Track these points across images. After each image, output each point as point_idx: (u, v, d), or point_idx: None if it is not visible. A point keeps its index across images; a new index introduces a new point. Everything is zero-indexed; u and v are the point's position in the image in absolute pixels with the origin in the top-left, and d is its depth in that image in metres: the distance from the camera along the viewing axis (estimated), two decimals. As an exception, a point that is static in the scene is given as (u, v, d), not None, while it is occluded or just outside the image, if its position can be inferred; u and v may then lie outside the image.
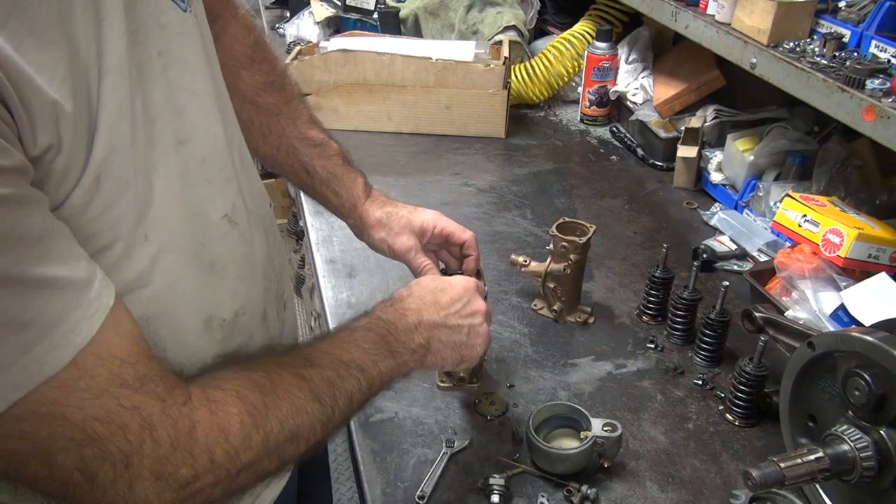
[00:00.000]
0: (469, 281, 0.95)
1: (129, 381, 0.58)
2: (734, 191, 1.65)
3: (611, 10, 2.06)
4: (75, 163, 0.56)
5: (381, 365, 0.79)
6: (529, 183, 1.78)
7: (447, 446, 1.04)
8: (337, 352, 0.76)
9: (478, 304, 0.93)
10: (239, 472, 0.65)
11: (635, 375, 1.20)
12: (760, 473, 0.82)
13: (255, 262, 0.81)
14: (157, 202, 0.65)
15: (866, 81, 1.07)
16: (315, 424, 0.71)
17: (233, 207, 0.76)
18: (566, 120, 2.12)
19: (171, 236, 0.67)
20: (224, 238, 0.75)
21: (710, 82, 1.79)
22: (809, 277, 1.22)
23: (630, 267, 1.47)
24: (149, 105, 0.63)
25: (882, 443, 0.83)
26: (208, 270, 0.73)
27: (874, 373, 0.82)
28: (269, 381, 0.69)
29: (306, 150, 1.06)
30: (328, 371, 0.74)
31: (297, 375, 0.71)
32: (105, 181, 0.58)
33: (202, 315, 0.73)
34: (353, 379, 0.75)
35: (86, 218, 0.58)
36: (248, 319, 0.80)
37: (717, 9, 1.39)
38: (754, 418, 1.10)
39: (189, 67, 0.70)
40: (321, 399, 0.72)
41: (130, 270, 0.64)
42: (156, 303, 0.67)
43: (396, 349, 0.81)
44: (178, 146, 0.68)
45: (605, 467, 1.01)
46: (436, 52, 1.92)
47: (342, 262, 1.45)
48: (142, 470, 0.59)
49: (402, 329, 0.84)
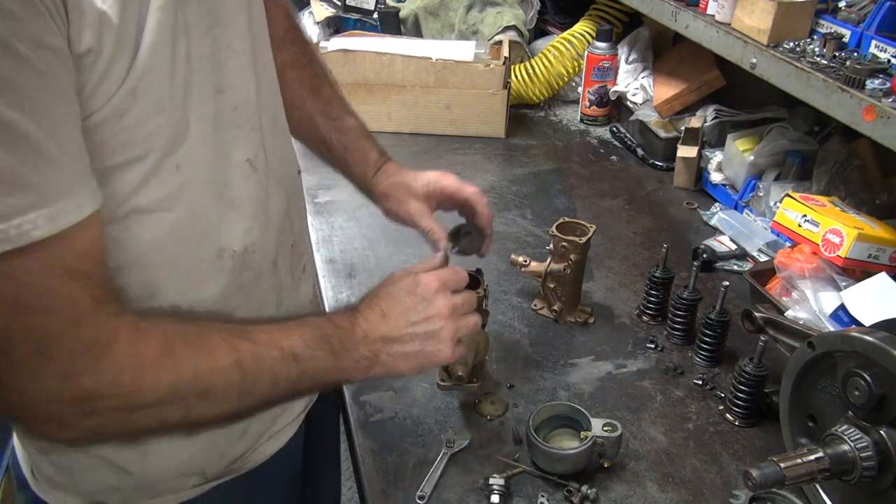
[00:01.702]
0: (432, 282, 0.88)
1: (76, 271, 0.62)
2: (734, 191, 1.65)
3: (611, 10, 2.06)
4: (115, 72, 0.63)
5: (319, 362, 0.79)
6: (529, 183, 1.78)
7: (447, 446, 1.04)
8: (278, 336, 0.77)
9: (435, 308, 0.87)
10: (140, 408, 0.67)
11: (635, 375, 1.20)
12: (760, 473, 0.82)
13: (270, 210, 0.86)
14: (191, 139, 0.73)
15: (866, 81, 1.07)
16: (231, 391, 0.72)
17: (255, 155, 0.83)
18: (566, 120, 2.12)
19: (200, 171, 0.75)
20: (245, 179, 0.81)
21: (710, 82, 1.79)
22: (809, 277, 1.22)
23: (630, 267, 1.47)
24: (193, 56, 0.71)
25: (882, 443, 0.83)
26: (227, 206, 0.80)
27: (874, 373, 0.82)
28: (199, 336, 0.71)
29: (325, 123, 1.09)
30: (261, 349, 0.74)
31: (228, 342, 0.72)
32: (141, 97, 0.66)
33: (216, 245, 0.80)
34: (283, 364, 0.75)
35: (122, 125, 0.66)
36: (258, 258, 0.85)
37: (717, 9, 1.39)
38: (754, 418, 1.10)
39: (232, 27, 0.77)
40: (244, 370, 0.72)
41: (157, 192, 0.72)
42: (177, 227, 0.75)
43: (338, 352, 0.80)
44: (215, 94, 0.75)
45: (605, 467, 1.01)
46: (436, 52, 1.92)
47: (342, 262, 1.45)
48: (53, 362, 0.62)
49: (349, 337, 0.82)
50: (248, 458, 0.94)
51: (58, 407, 0.64)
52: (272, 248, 0.88)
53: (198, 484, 0.90)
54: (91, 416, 0.65)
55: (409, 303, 0.86)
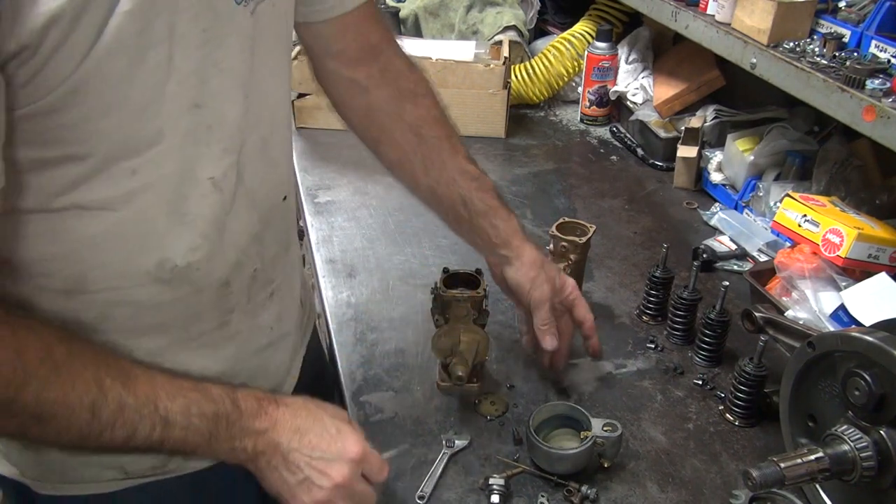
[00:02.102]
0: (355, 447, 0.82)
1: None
2: (734, 191, 1.65)
3: (611, 10, 2.06)
4: (55, 71, 0.61)
5: (190, 435, 0.75)
6: (529, 183, 1.77)
7: (447, 446, 1.04)
8: (161, 393, 0.74)
9: (337, 470, 0.80)
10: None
11: (635, 375, 1.20)
12: (760, 473, 0.82)
13: (229, 231, 0.83)
14: (159, 147, 0.72)
15: (866, 81, 1.07)
16: (72, 429, 0.70)
17: (223, 175, 0.80)
18: (566, 120, 2.12)
19: (159, 180, 0.74)
20: (203, 197, 0.79)
21: (710, 82, 1.79)
22: (809, 277, 1.22)
23: (630, 267, 1.47)
24: (176, 66, 0.70)
25: (882, 443, 0.83)
26: (178, 219, 0.78)
27: (874, 373, 0.82)
28: (65, 362, 0.69)
29: (465, 182, 1.07)
30: (130, 399, 0.71)
31: (97, 381, 0.70)
32: (85, 98, 0.64)
33: (158, 254, 0.78)
34: (148, 423, 0.72)
35: (59, 122, 0.64)
36: (203, 276, 0.82)
37: (717, 9, 1.39)
38: (754, 418, 1.10)
39: (225, 49, 0.75)
40: (98, 415, 0.70)
41: (104, 192, 0.71)
42: (117, 227, 0.74)
43: (218, 436, 0.77)
44: (193, 108, 0.74)
45: (605, 467, 1.01)
46: (436, 52, 1.92)
47: (342, 262, 1.45)
48: None
49: (244, 425, 0.78)
50: (180, 464, 0.90)
51: None
52: (224, 268, 0.84)
53: (116, 478, 0.88)
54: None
55: (325, 444, 0.81)
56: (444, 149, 1.07)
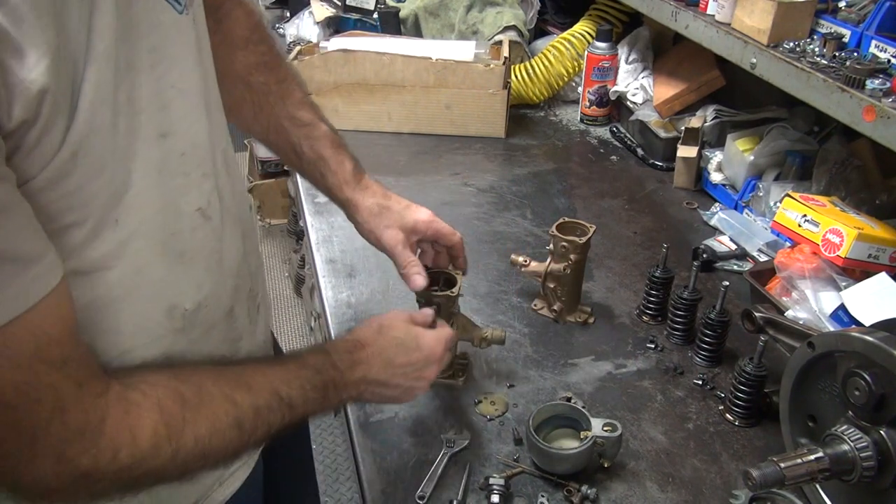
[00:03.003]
0: (437, 347, 0.96)
1: (53, 359, 0.60)
2: (734, 191, 1.65)
3: (611, 10, 2.06)
4: (51, 139, 0.58)
5: (310, 406, 0.81)
6: (529, 183, 1.78)
7: (447, 446, 1.04)
8: (278, 383, 0.77)
9: (430, 372, 0.95)
10: (141, 477, 0.66)
11: (635, 375, 1.20)
12: (760, 473, 0.82)
13: (225, 258, 0.82)
14: (133, 189, 0.67)
15: (866, 81, 1.07)
16: (228, 448, 0.72)
17: (208, 203, 0.78)
18: (566, 120, 2.12)
19: (143, 223, 0.70)
20: (195, 231, 0.76)
21: (710, 82, 1.79)
22: (809, 277, 1.22)
23: (630, 267, 1.47)
24: (136, 98, 0.66)
25: (882, 443, 0.83)
26: (176, 260, 0.75)
27: (874, 373, 0.82)
28: (197, 397, 0.70)
29: (295, 129, 1.06)
30: (260, 400, 0.74)
31: (229, 399, 0.72)
32: (81, 160, 0.60)
33: (166, 303, 0.75)
34: (279, 413, 0.76)
35: (58, 193, 0.60)
36: (212, 312, 0.81)
37: (717, 9, 1.39)
38: (754, 418, 1.10)
39: (178, 66, 0.72)
40: (242, 426, 0.72)
41: (97, 250, 0.66)
42: (120, 285, 0.69)
43: (330, 397, 0.83)
44: (160, 139, 0.69)
45: (605, 467, 1.01)
46: (436, 52, 1.92)
47: (342, 262, 1.45)
48: (46, 448, 0.61)
49: (344, 382, 0.85)
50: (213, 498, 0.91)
51: (57, 484, 0.62)
52: (227, 297, 0.84)
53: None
54: (92, 491, 0.65)
55: (413, 358, 0.92)
56: (272, 94, 1.05)
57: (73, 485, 0.63)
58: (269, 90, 1.05)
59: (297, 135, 1.06)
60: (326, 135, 1.07)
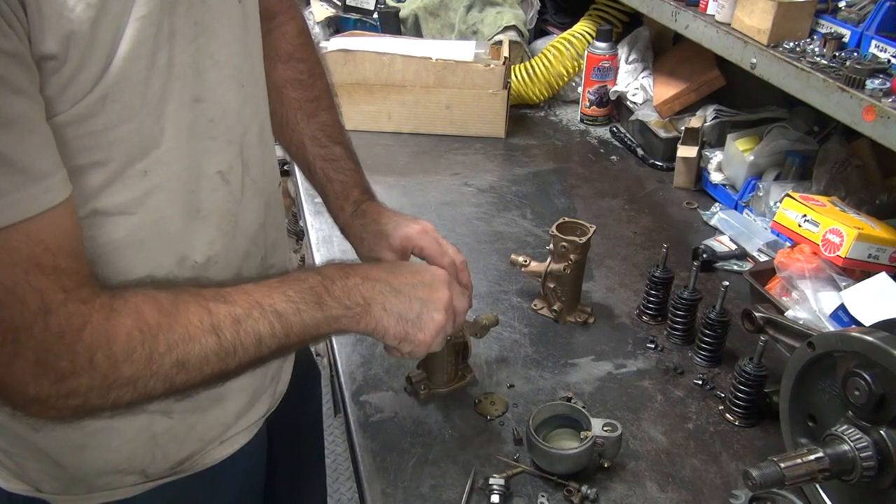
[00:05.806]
0: (441, 271, 0.92)
1: (44, 266, 0.63)
2: (734, 191, 1.65)
3: (611, 10, 2.06)
4: (82, 80, 0.63)
5: (305, 315, 0.78)
6: (529, 183, 1.78)
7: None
8: (257, 295, 0.76)
9: (442, 293, 0.89)
10: (117, 382, 0.68)
11: (635, 375, 1.20)
12: (760, 473, 0.82)
13: (241, 222, 0.86)
14: (165, 146, 0.73)
15: (866, 81, 1.07)
16: (209, 356, 0.72)
17: (229, 167, 0.82)
18: (566, 120, 2.12)
19: (169, 179, 0.75)
20: (214, 191, 0.81)
21: (710, 82, 1.79)
22: (809, 277, 1.22)
23: (630, 267, 1.47)
24: (175, 63, 0.72)
25: (882, 443, 0.83)
26: (193, 215, 0.80)
27: (874, 373, 0.82)
28: (172, 304, 0.71)
29: (313, 149, 1.09)
30: (238, 309, 0.74)
31: (203, 307, 0.73)
32: (110, 105, 0.66)
33: (178, 253, 0.80)
34: (265, 321, 0.75)
35: (84, 130, 0.66)
36: (220, 269, 0.85)
37: (717, 9, 1.39)
38: (754, 418, 1.10)
39: (218, 39, 0.77)
40: (220, 333, 0.72)
41: (122, 195, 0.72)
42: (138, 232, 0.75)
43: (326, 302, 0.80)
44: (193, 103, 0.75)
45: (605, 467, 1.01)
46: (436, 52, 1.92)
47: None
48: (26, 350, 0.63)
49: (340, 286, 0.82)
50: (197, 461, 0.93)
51: (36, 389, 0.65)
52: (237, 258, 0.88)
53: (137, 483, 0.89)
54: (70, 397, 0.67)
55: (420, 275, 0.89)
56: (301, 110, 1.08)
57: (54, 392, 0.65)
58: (299, 106, 1.08)
59: (314, 154, 1.09)
60: (340, 157, 1.10)
